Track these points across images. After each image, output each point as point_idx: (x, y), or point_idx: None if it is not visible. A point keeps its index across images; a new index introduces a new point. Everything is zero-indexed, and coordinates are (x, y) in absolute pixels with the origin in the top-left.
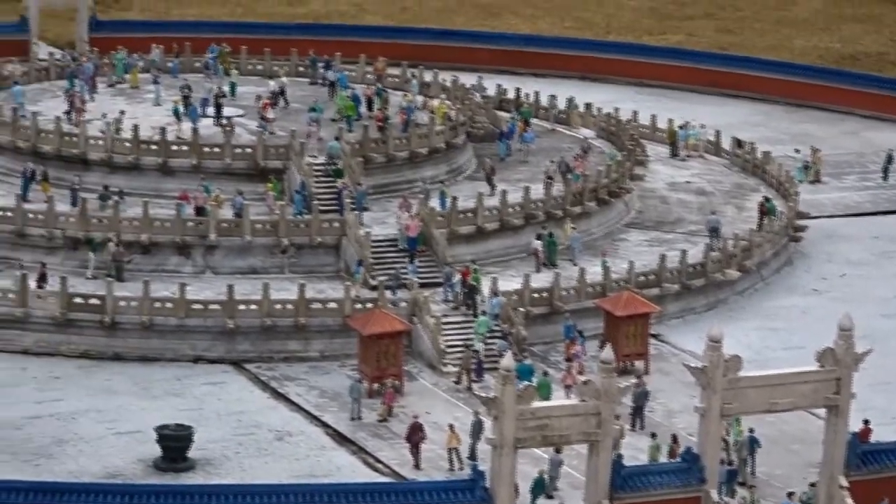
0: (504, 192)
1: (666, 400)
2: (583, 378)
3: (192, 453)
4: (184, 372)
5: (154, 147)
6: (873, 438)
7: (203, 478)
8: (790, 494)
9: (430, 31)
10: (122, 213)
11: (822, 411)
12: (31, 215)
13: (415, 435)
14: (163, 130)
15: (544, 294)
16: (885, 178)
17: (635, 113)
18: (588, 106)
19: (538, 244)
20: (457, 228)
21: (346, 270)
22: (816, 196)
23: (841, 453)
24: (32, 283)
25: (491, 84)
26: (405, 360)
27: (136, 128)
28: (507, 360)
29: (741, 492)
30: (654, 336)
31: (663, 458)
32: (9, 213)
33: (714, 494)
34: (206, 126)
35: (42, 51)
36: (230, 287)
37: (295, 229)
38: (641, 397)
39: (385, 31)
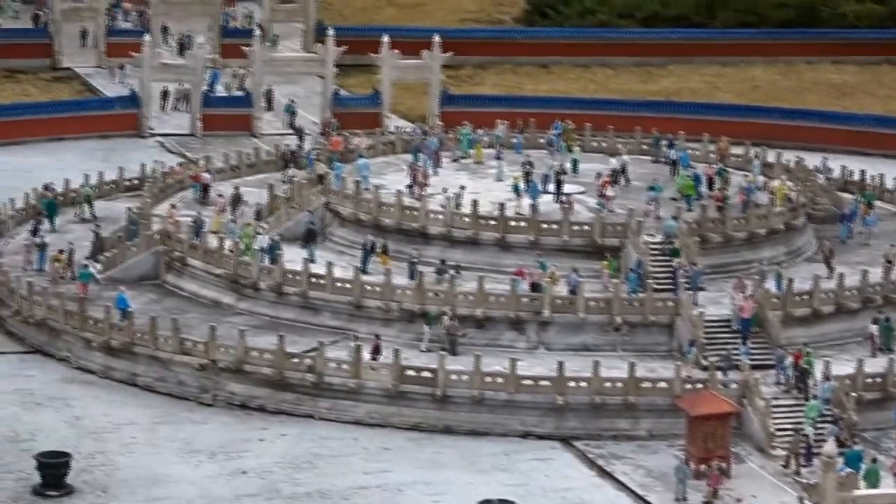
0: (842, 275)
1: None
2: None
3: None
4: (512, 447)
5: (493, 222)
6: None
7: None
8: None
9: (780, 111)
10: (459, 287)
11: None
12: (368, 287)
13: None
14: (502, 206)
15: (878, 379)
16: None
17: None
18: None
19: (874, 328)
20: (792, 310)
21: (679, 350)
22: None
23: None
24: (367, 355)
25: (836, 165)
26: (733, 442)
27: (475, 203)
28: (830, 447)
29: None
30: None
31: None
32: (347, 285)
33: None
34: (546, 202)
35: (393, 124)
36: (561, 364)
37: (629, 307)
38: None
39: (733, 110)
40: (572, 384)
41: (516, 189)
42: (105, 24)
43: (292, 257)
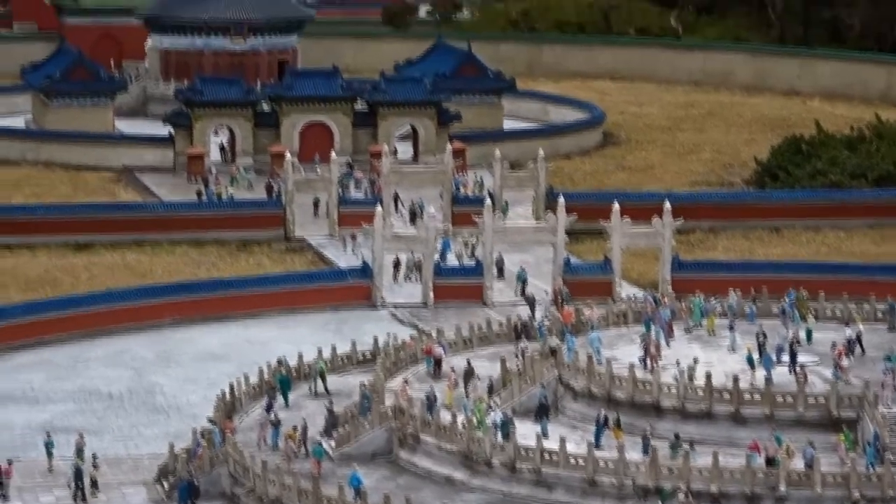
0: None
1: None
2: None
3: None
4: None
5: (726, 395)
6: None
7: None
8: None
9: None
10: (693, 462)
11: None
12: (602, 463)
13: None
14: (736, 378)
15: None
16: None
17: None
18: None
19: None
20: None
21: None
22: None
23: None
24: None
25: None
26: None
27: (709, 375)
28: None
29: None
30: None
31: None
32: (581, 461)
33: None
34: (780, 374)
35: (624, 291)
36: None
37: (866, 482)
38: None
39: None
40: None
41: (750, 360)
42: (337, 194)
43: (525, 432)
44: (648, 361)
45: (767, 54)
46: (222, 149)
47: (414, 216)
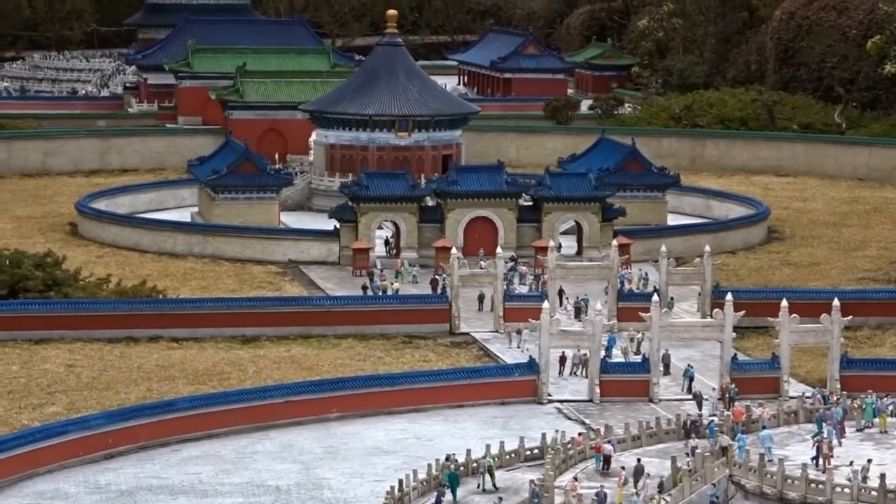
0: None
1: None
2: None
3: None
4: None
5: None
6: None
7: None
8: None
9: None
10: None
11: None
12: None
13: None
14: None
15: None
16: None
17: None
18: None
19: None
20: None
21: None
22: None
23: None
24: None
25: None
26: None
27: (882, 475)
28: None
29: None
30: None
31: None
32: None
33: None
34: None
35: (792, 388)
36: None
37: None
38: None
39: None
40: None
41: None
42: (502, 289)
43: None
44: (821, 461)
45: None
46: (387, 243)
47: (578, 311)
